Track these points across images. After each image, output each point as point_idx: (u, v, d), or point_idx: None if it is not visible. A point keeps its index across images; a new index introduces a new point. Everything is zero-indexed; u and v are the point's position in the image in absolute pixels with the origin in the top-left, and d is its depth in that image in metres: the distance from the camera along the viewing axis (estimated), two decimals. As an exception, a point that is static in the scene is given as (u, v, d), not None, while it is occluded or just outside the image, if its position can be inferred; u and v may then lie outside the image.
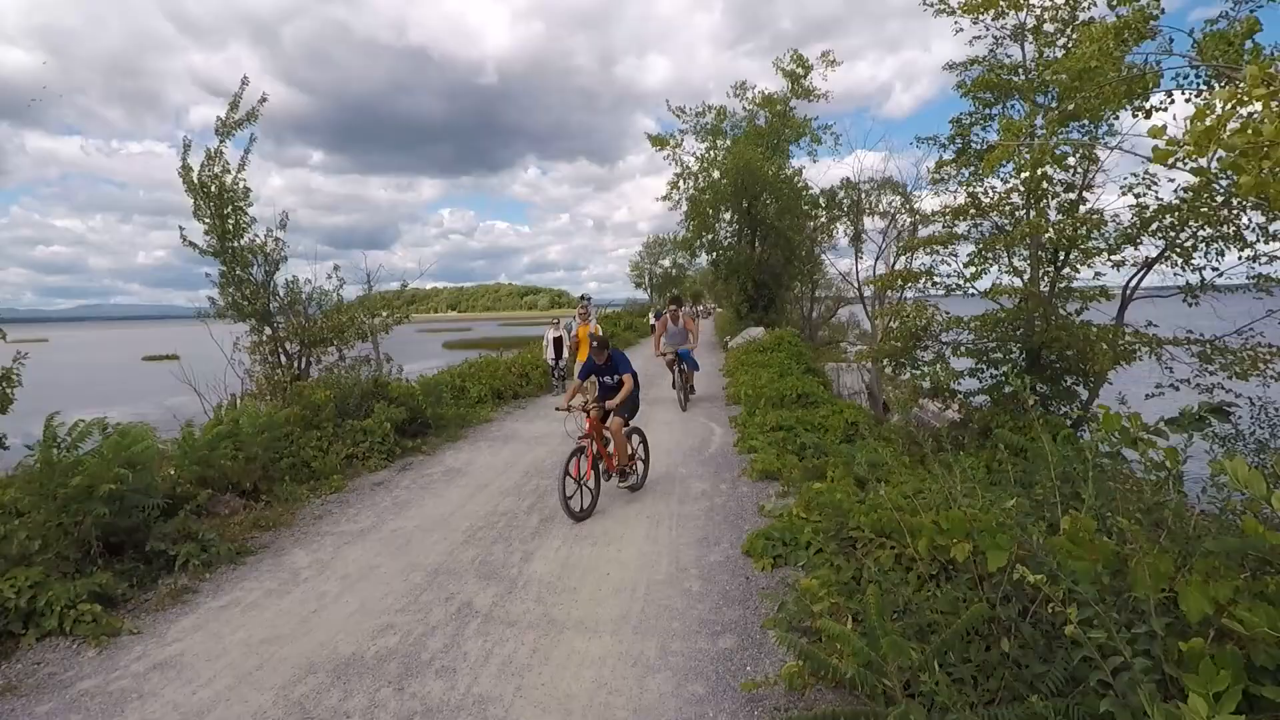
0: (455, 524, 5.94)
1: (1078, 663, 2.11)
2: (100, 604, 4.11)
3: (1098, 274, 10.74)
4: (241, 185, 9.06)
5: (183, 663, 3.70)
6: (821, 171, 69.20)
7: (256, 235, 9.36)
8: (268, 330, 9.48)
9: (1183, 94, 8.03)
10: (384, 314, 10.71)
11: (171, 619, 4.23)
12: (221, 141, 9.01)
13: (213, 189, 8.85)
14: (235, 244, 9.14)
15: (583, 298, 13.63)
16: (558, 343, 14.33)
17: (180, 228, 9.10)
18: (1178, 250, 9.91)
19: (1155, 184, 9.65)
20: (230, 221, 9.03)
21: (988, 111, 11.69)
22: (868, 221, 23.39)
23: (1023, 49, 11.36)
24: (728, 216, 28.72)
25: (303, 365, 9.70)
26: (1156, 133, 2.93)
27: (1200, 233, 9.67)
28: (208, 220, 8.96)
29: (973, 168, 11.62)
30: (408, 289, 11.55)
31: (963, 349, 11.47)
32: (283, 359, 9.56)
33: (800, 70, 27.29)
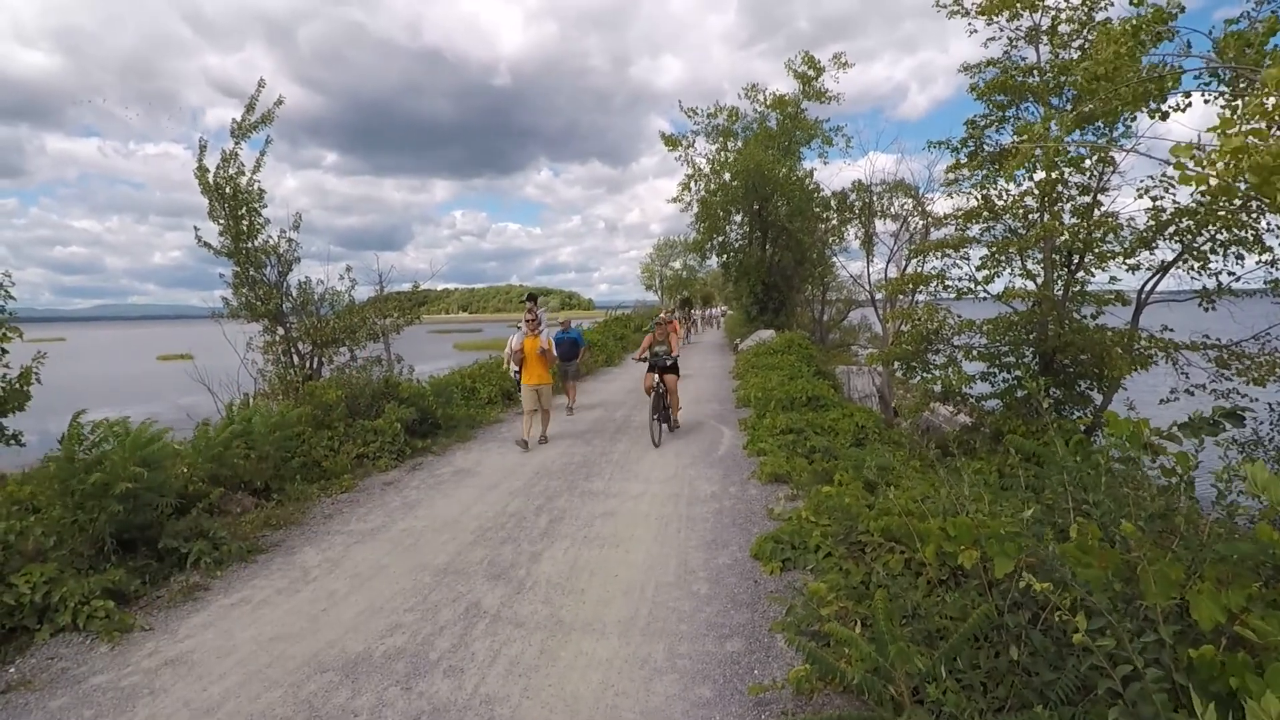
0: (464, 524, 5.96)
1: (1087, 671, 2.09)
2: (113, 600, 4.15)
3: (1113, 278, 10.65)
4: (256, 187, 9.16)
5: (193, 659, 3.73)
6: (834, 173, 69.12)
7: (270, 236, 9.46)
8: (280, 330, 9.56)
9: (1201, 96, 7.95)
10: (395, 315, 10.76)
11: (183, 616, 4.27)
12: (237, 143, 9.11)
13: (228, 190, 8.95)
14: (249, 245, 9.24)
15: (529, 298, 9.81)
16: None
17: (195, 228, 9.22)
18: (1194, 254, 9.81)
19: (1172, 187, 9.56)
20: (244, 222, 9.13)
21: (1002, 114, 11.63)
22: (879, 224, 23.30)
23: (1037, 51, 11.30)
24: (738, 219, 28.66)
25: (315, 365, 9.77)
26: (1180, 151, 2.87)
27: (1218, 236, 9.56)
28: (222, 221, 9.06)
29: (985, 170, 11.54)
30: (420, 289, 11.61)
31: (975, 353, 11.41)
32: (295, 359, 9.64)
33: (812, 72, 27.19)
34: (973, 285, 11.70)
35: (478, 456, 8.69)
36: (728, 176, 27.15)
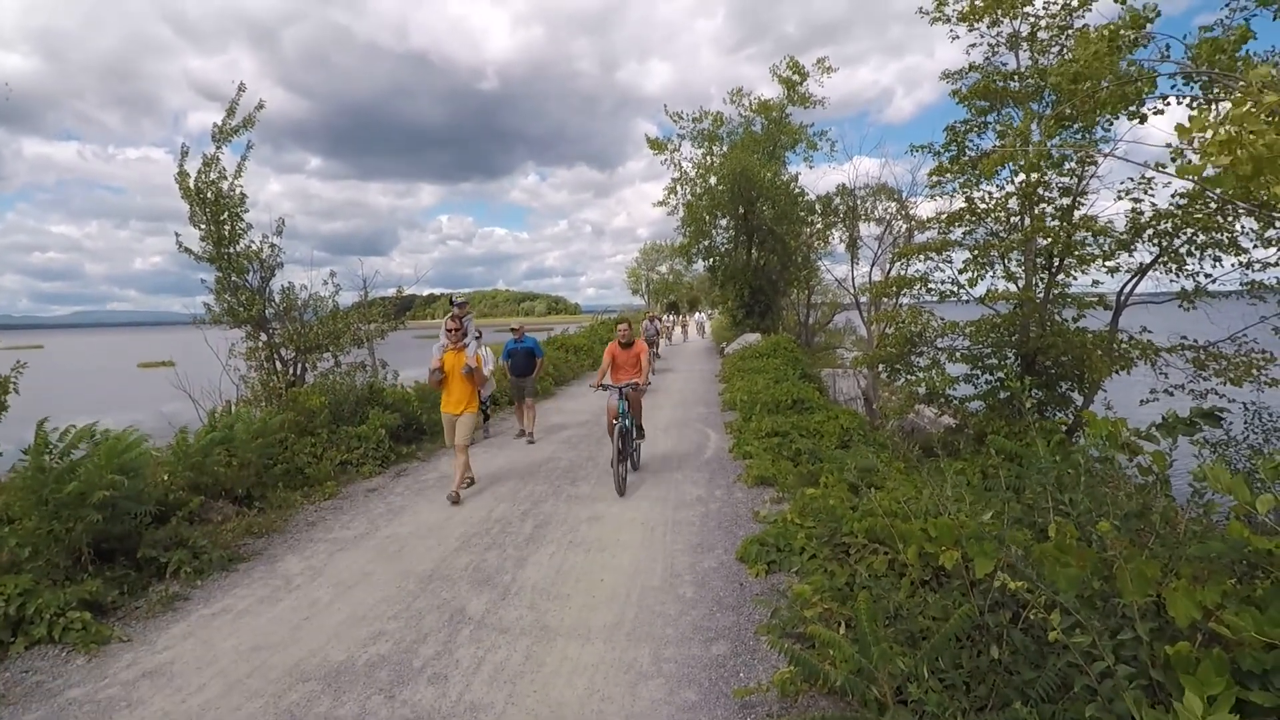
0: (449, 530, 5.93)
1: (1066, 668, 2.11)
2: (90, 611, 4.08)
3: (1094, 281, 10.79)
4: (238, 192, 9.07)
5: (173, 670, 3.68)
6: (819, 176, 69.37)
7: (252, 241, 9.37)
8: (263, 336, 9.47)
9: (1178, 100, 8.07)
10: (379, 320, 10.70)
11: (162, 626, 4.20)
12: (218, 148, 9.03)
13: (209, 195, 8.86)
14: (231, 250, 9.14)
15: (453, 303, 8.25)
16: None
17: (176, 234, 9.13)
18: (1172, 256, 9.96)
19: (1151, 190, 9.71)
20: (226, 228, 9.04)
21: (983, 119, 11.75)
22: (863, 228, 23.47)
23: (1017, 57, 11.44)
24: (724, 223, 28.77)
25: (298, 371, 9.69)
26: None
27: (1195, 239, 9.72)
28: (203, 226, 8.96)
29: (968, 174, 11.66)
30: (404, 294, 11.54)
31: (958, 355, 11.51)
32: (278, 365, 9.55)
33: (796, 77, 27.37)
34: (955, 288, 11.80)
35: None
36: (713, 180, 27.26)
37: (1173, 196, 9.55)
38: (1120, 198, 10.02)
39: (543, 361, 10.38)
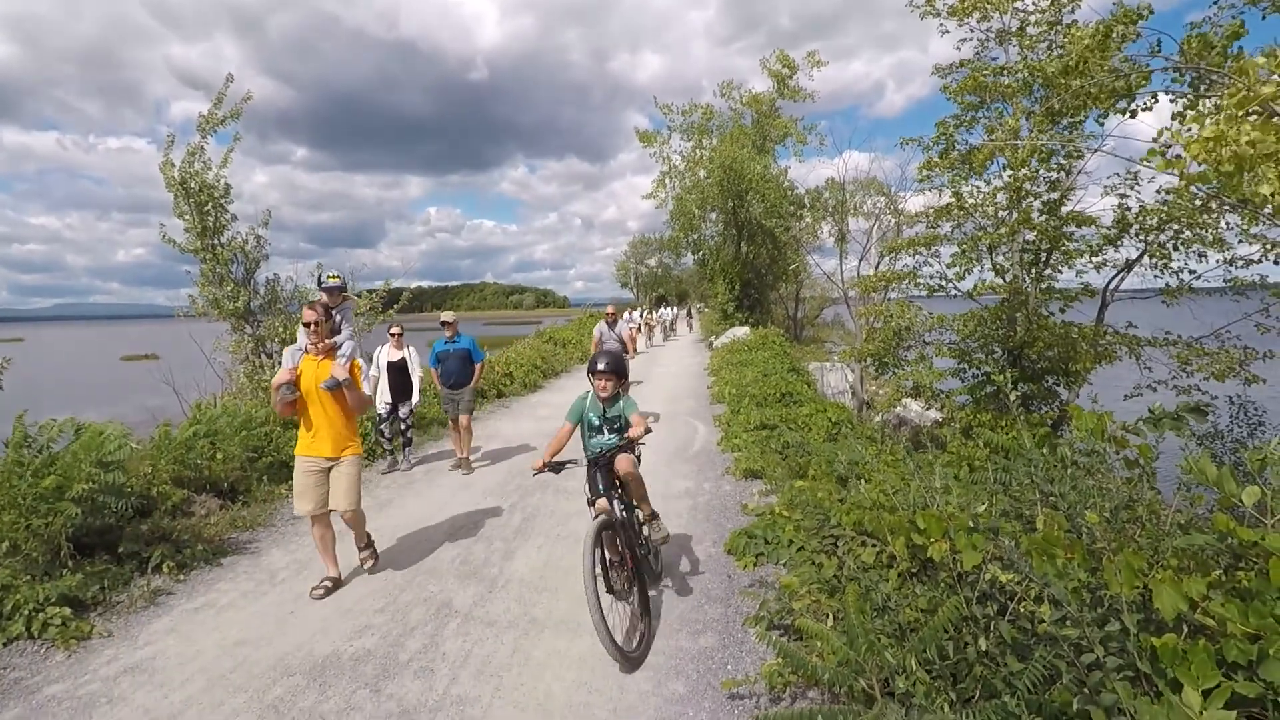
0: (436, 523, 5.89)
1: (1053, 660, 2.11)
2: (70, 607, 4.02)
3: (1079, 272, 10.88)
4: (223, 182, 8.97)
5: (155, 666, 3.63)
6: (809, 170, 69.51)
7: (238, 233, 9.27)
8: (248, 329, 9.38)
9: (1169, 96, 8.11)
10: (366, 313, 10.62)
11: (144, 621, 4.15)
12: (204, 138, 8.92)
13: (193, 186, 8.74)
14: (216, 242, 9.04)
15: (321, 285, 5.95)
16: (398, 371, 7.65)
17: (161, 225, 9.01)
18: (1157, 251, 10.06)
19: (1137, 185, 9.79)
20: (211, 219, 8.94)
21: (973, 114, 11.78)
22: (852, 222, 23.52)
23: (1006, 52, 11.47)
24: (713, 216, 28.80)
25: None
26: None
27: (1180, 235, 9.81)
28: (188, 218, 8.86)
29: (956, 169, 11.69)
30: (391, 287, 11.47)
31: (945, 349, 11.57)
32: (264, 358, 9.46)
33: (786, 70, 27.41)
34: (943, 282, 11.85)
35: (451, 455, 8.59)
36: (703, 174, 27.26)
37: (1158, 192, 9.64)
38: (1107, 193, 10.11)
39: (483, 366, 8.10)
